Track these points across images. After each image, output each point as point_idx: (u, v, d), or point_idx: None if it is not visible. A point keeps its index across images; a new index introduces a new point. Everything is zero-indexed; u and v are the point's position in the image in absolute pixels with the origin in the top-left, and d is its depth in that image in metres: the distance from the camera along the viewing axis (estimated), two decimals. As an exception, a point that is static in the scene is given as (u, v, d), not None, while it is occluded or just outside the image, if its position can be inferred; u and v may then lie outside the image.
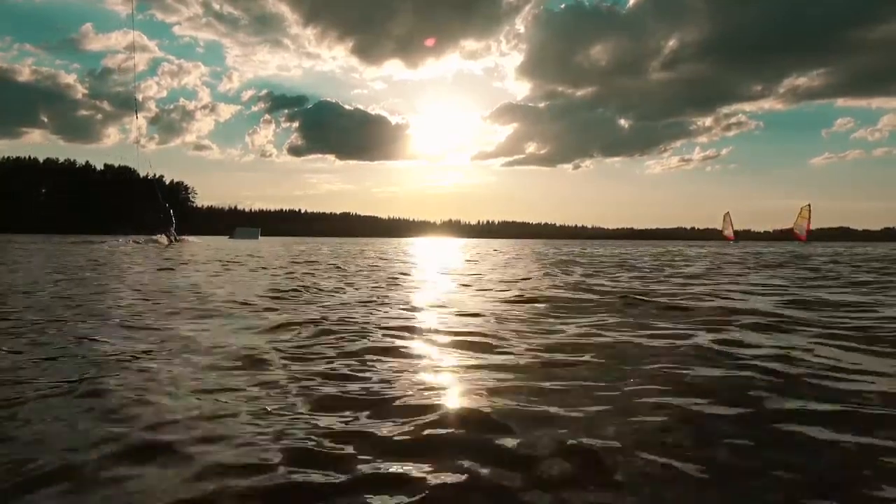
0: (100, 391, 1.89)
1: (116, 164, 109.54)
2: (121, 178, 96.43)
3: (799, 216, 50.88)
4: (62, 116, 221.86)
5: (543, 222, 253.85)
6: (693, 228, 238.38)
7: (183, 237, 36.04)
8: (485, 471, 1.32)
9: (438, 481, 1.27)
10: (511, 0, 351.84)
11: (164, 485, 1.25)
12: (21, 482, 1.25)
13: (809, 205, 49.92)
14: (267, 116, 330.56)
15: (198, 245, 24.58)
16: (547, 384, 2.04)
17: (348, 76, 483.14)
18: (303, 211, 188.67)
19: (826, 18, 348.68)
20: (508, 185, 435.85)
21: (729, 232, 64.07)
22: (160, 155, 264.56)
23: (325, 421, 1.64)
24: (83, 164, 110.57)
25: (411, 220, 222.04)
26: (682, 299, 4.84)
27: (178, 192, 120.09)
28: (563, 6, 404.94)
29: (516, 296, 5.10)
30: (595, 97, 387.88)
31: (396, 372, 2.23)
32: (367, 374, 2.19)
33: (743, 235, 69.95)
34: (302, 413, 1.71)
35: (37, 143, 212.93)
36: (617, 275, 8.25)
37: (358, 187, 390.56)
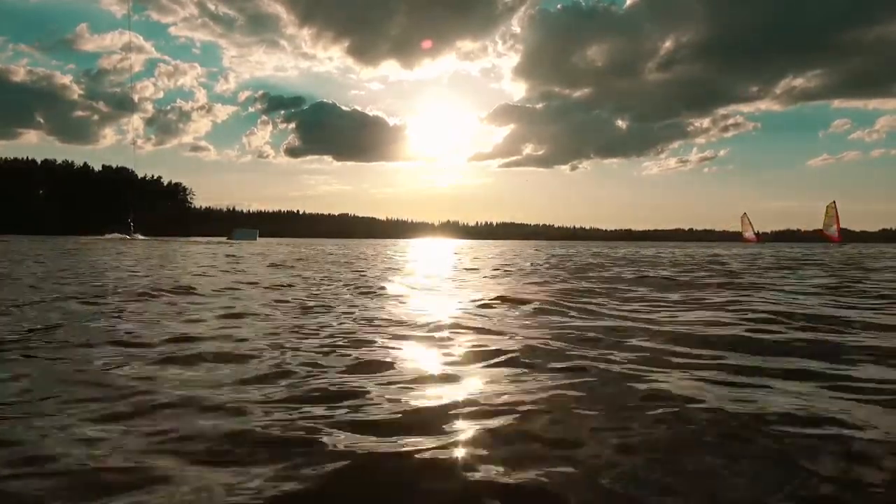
0: None
1: (115, 166, 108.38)
2: (118, 179, 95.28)
3: (826, 216, 49.40)
4: (58, 117, 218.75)
5: (541, 224, 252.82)
6: (691, 230, 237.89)
7: (137, 235, 39.79)
8: None
9: None
10: (506, 0, 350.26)
11: None
12: None
13: (835, 202, 48.36)
14: (264, 117, 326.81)
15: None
16: None
17: (345, 77, 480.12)
18: (301, 212, 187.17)
19: (822, 19, 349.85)
20: (506, 187, 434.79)
21: (750, 234, 62.01)
22: (157, 156, 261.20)
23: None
24: (81, 165, 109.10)
25: (409, 221, 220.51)
26: None
27: (176, 193, 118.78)
28: (559, 7, 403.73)
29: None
30: (592, 98, 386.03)
31: None
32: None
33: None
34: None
35: (33, 144, 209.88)
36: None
37: (355, 188, 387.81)
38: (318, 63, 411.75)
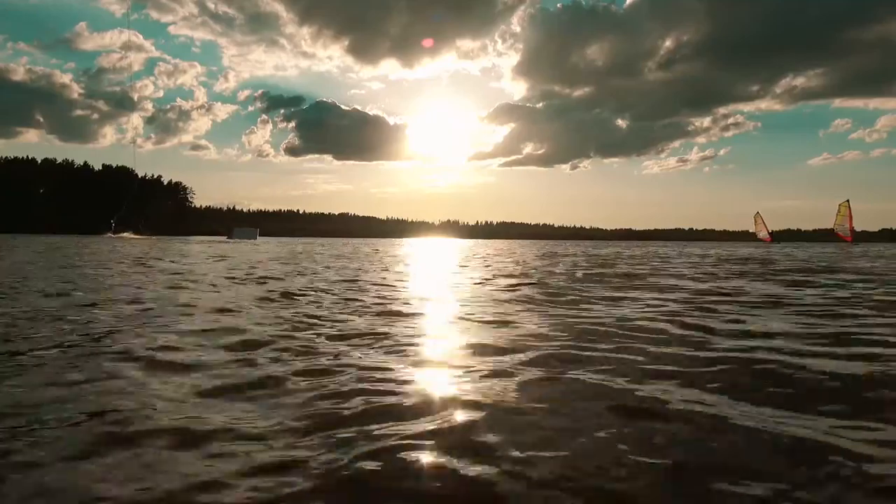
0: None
1: (115, 165, 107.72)
2: (119, 178, 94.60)
3: (838, 215, 48.34)
4: (57, 116, 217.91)
5: (542, 223, 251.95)
6: (691, 229, 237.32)
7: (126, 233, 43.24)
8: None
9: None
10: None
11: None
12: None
13: (848, 201, 47.28)
14: (264, 116, 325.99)
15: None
16: None
17: (345, 76, 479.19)
18: (301, 211, 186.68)
19: (822, 18, 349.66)
20: (506, 186, 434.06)
21: (765, 233, 60.47)
22: (157, 155, 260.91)
23: None
24: (81, 164, 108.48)
25: (410, 220, 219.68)
26: None
27: (176, 192, 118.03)
28: (559, 5, 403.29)
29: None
30: (592, 97, 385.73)
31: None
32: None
33: (744, 236, 67.25)
34: None
35: (32, 142, 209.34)
36: None
37: (356, 187, 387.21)
38: (318, 62, 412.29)
